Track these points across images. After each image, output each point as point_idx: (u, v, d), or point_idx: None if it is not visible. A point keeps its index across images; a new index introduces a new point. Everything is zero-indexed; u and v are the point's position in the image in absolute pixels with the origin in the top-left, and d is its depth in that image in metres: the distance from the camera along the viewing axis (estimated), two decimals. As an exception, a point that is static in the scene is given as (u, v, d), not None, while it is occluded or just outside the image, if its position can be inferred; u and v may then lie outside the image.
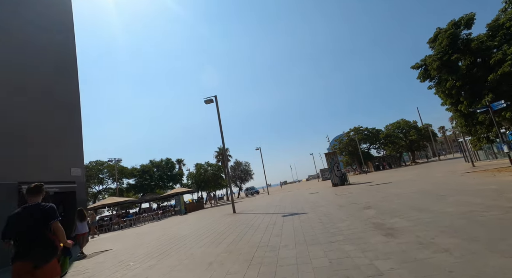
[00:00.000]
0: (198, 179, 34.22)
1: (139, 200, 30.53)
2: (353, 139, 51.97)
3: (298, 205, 12.21)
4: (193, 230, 10.06)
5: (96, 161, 33.34)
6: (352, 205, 8.82)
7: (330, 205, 10.03)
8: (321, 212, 8.62)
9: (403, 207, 6.83)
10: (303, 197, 16.39)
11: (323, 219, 7.20)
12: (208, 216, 15.95)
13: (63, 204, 13.08)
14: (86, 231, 10.25)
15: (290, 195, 21.47)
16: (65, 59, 14.75)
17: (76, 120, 14.40)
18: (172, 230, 11.46)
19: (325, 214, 7.90)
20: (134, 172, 36.28)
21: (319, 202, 11.92)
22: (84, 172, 14.17)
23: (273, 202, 17.33)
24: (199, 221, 13.64)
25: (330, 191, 17.59)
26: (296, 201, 14.37)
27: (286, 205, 13.00)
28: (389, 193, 10.40)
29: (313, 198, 14.64)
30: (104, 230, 20.54)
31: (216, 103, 15.24)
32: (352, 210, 7.77)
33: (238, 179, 54.09)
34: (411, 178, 16.36)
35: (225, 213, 15.53)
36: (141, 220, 20.96)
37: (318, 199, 13.53)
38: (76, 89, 14.95)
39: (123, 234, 15.09)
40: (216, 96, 15.28)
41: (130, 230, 17.81)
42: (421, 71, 15.17)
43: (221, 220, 11.70)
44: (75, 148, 13.86)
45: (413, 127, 50.75)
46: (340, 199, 11.34)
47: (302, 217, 8.30)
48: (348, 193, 13.48)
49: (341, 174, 22.28)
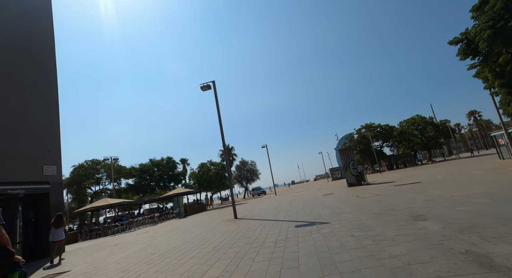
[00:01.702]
0: (200, 179, 32.15)
1: (136, 202, 28.71)
2: (365, 136, 49.15)
3: (314, 209, 9.91)
4: (180, 243, 7.89)
5: (92, 159, 31.68)
6: (391, 212, 6.49)
7: (357, 211, 7.71)
8: (349, 222, 6.31)
9: (483, 218, 4.48)
10: (316, 199, 14.06)
11: (358, 235, 4.90)
12: (206, 221, 13.81)
13: (34, 209, 11.12)
14: (62, 238, 9.55)
15: (300, 197, 19.15)
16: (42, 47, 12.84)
17: (52, 112, 12.44)
18: (157, 241, 9.33)
19: (358, 227, 5.60)
20: (133, 171, 34.47)
21: (339, 206, 9.60)
22: (61, 171, 12.18)
23: (281, 204, 15.06)
24: (193, 228, 11.49)
25: (347, 192, 15.21)
26: (309, 204, 12.07)
27: (298, 210, 10.72)
28: (432, 196, 8.02)
29: (329, 200, 12.31)
30: (94, 235, 18.65)
31: (214, 90, 13.08)
32: (397, 221, 5.45)
33: (244, 178, 51.96)
34: (444, 177, 13.86)
35: (225, 218, 13.35)
36: (135, 224, 19.03)
37: (336, 202, 11.19)
38: (53, 78, 13.00)
39: (104, 243, 13.07)
40: (214, 81, 13.13)
41: (117, 237, 15.84)
42: (462, 46, 12.50)
43: (218, 229, 9.51)
44: (50, 143, 11.89)
45: (430, 124, 47.55)
46: (366, 203, 8.99)
47: (323, 229, 6.02)
48: (372, 195, 11.10)
49: (357, 172, 19.84)
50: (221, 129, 12.71)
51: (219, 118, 12.77)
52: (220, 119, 12.75)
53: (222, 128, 12.68)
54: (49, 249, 10.11)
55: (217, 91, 13.11)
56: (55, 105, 12.62)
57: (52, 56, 13.33)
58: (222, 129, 12.67)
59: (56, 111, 12.59)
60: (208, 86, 12.98)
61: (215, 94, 13.08)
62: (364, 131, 50.05)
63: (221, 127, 12.72)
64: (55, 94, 12.77)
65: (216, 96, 13.01)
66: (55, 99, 12.71)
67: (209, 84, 13.01)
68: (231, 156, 48.72)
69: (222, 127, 12.68)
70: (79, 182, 29.13)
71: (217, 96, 13.02)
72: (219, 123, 12.70)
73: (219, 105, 13.04)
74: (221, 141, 13.11)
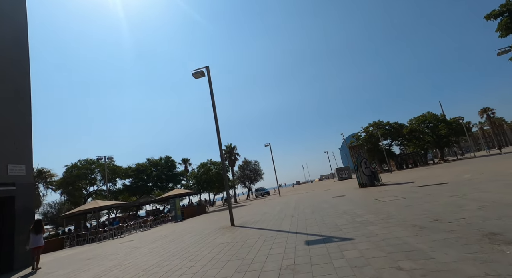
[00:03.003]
0: (200, 179, 30.43)
1: (130, 204, 27.12)
2: (373, 134, 46.99)
3: (326, 216, 8.11)
4: (157, 261, 6.17)
5: (86, 159, 30.16)
6: (441, 226, 4.67)
7: (386, 221, 5.89)
8: (382, 239, 4.50)
9: None
10: (326, 202, 12.23)
11: (411, 269, 3.10)
12: (200, 227, 12.08)
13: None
14: (41, 245, 9.25)
15: (306, 198, 17.32)
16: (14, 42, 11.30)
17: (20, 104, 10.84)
18: (134, 256, 7.62)
19: (402, 251, 3.80)
20: (129, 171, 32.84)
21: (358, 212, 7.78)
22: (32, 170, 10.57)
23: (286, 208, 13.27)
24: (183, 237, 9.77)
25: (361, 194, 13.35)
26: (319, 209, 10.25)
27: (307, 216, 8.92)
28: (482, 200, 6.17)
29: (342, 204, 10.47)
30: (82, 240, 17.08)
31: (208, 76, 11.35)
32: (463, 243, 3.64)
33: (247, 179, 50.20)
34: (474, 177, 11.96)
35: (222, 224, 11.61)
36: (126, 229, 17.41)
37: (352, 206, 9.36)
38: (25, 71, 11.40)
39: (82, 254, 11.44)
40: (208, 67, 11.41)
41: (101, 245, 14.27)
42: (504, 20, 10.52)
43: (210, 240, 7.78)
44: (18, 139, 10.29)
45: (442, 121, 45.15)
46: (394, 209, 7.16)
47: (347, 250, 4.23)
48: (395, 198, 9.25)
49: (370, 171, 17.93)
50: (215, 120, 10.94)
51: (214, 108, 11.01)
52: (214, 109, 11.00)
53: (216, 119, 10.91)
54: (11, 260, 9.05)
55: (211, 79, 11.39)
56: (24, 97, 11.01)
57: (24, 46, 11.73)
58: (217, 120, 10.91)
59: (26, 103, 10.98)
60: (201, 73, 11.27)
61: (209, 81, 11.35)
62: (372, 130, 47.89)
63: (215, 118, 10.95)
64: (25, 85, 11.15)
65: (210, 83, 11.27)
66: (26, 91, 11.10)
67: (203, 71, 11.30)
68: (233, 155, 46.99)
69: (217, 118, 10.92)
70: (72, 183, 27.72)
71: (212, 84, 11.29)
72: (214, 113, 10.94)
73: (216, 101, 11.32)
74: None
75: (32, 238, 9.11)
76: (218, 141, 10.82)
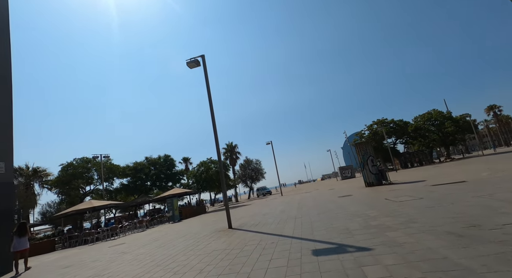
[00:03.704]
0: (199, 178, 29.56)
1: (126, 204, 26.31)
2: (377, 132, 45.95)
3: (334, 218, 7.20)
4: (140, 272, 5.30)
5: (82, 157, 29.37)
6: (485, 234, 3.74)
7: (408, 225, 4.97)
8: (410, 251, 3.59)
9: None
10: (333, 203, 11.31)
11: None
12: (196, 229, 11.22)
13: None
14: (26, 248, 9.05)
15: (310, 198, 16.41)
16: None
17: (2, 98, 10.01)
18: (116, 264, 6.77)
19: (451, 274, 2.89)
20: (127, 170, 32.04)
21: (370, 214, 6.86)
22: (12, 168, 9.74)
23: (289, 208, 12.37)
24: (176, 240, 8.91)
25: (369, 194, 12.42)
26: (325, 210, 9.34)
27: (313, 218, 8.01)
28: None
29: (351, 204, 9.55)
30: (74, 242, 16.27)
31: (203, 66, 10.46)
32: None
33: (248, 178, 49.31)
34: (493, 175, 11.02)
35: (219, 225, 10.74)
36: (120, 231, 16.57)
37: (362, 207, 8.44)
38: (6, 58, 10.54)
39: (64, 259, 10.64)
40: (204, 55, 10.51)
41: (90, 248, 13.51)
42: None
43: (203, 245, 6.90)
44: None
45: (448, 118, 43.99)
46: (415, 212, 6.23)
47: (367, 265, 3.33)
48: (411, 198, 8.32)
49: (377, 170, 16.98)
50: (211, 112, 10.02)
51: (210, 99, 10.09)
52: (210, 100, 10.08)
53: (212, 111, 9.98)
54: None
55: (207, 69, 10.49)
56: (4, 93, 10.13)
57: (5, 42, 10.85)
58: (213, 112, 9.97)
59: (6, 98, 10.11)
60: (196, 62, 10.37)
61: (205, 71, 10.44)
62: (376, 128, 46.85)
63: (211, 109, 10.03)
64: (5, 81, 10.28)
65: (206, 73, 10.36)
66: (6, 87, 10.22)
67: (197, 60, 10.40)
68: (234, 154, 46.10)
69: (213, 110, 10.00)
70: (67, 182, 26.95)
71: (207, 74, 10.39)
72: (210, 105, 10.02)
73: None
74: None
75: (16, 241, 8.93)
76: (214, 134, 9.93)
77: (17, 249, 8.90)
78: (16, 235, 9.07)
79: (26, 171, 26.46)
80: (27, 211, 25.22)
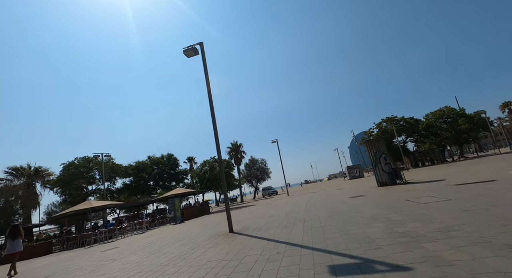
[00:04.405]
0: (202, 178, 28.80)
1: (127, 204, 25.62)
2: (386, 130, 44.43)
3: (349, 223, 6.20)
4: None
5: (83, 157, 28.87)
6: None
7: (450, 235, 3.96)
8: (472, 275, 2.60)
9: None
10: (344, 204, 10.28)
11: None
12: (194, 233, 10.33)
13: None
14: (19, 250, 8.99)
15: (318, 199, 15.39)
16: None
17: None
18: (101, 274, 5.93)
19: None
20: (129, 170, 31.45)
21: (393, 218, 5.85)
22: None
23: (296, 209, 11.38)
24: (172, 245, 8.04)
25: (384, 194, 11.34)
26: (337, 212, 8.32)
27: (323, 222, 7.02)
28: None
29: (366, 206, 8.52)
30: (71, 244, 15.62)
31: (202, 54, 9.57)
32: None
33: (254, 178, 48.40)
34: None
35: (220, 229, 9.84)
36: (119, 232, 15.83)
37: (380, 209, 7.41)
38: None
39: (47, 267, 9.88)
40: (202, 43, 9.62)
41: (84, 252, 12.82)
42: None
43: (197, 254, 6.01)
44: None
45: (462, 115, 42.15)
46: (450, 217, 5.20)
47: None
48: (435, 199, 7.26)
49: (390, 168, 15.84)
50: (210, 102, 9.11)
51: (209, 91, 9.18)
52: (209, 91, 9.16)
53: (211, 101, 9.05)
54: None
55: (205, 56, 9.60)
56: None
57: None
58: (212, 102, 9.04)
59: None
60: (193, 50, 9.49)
61: (203, 60, 9.54)
62: (385, 125, 45.32)
63: (210, 99, 9.10)
64: None
65: (204, 62, 9.46)
66: None
67: (196, 48, 9.52)
68: (239, 153, 45.30)
69: (212, 100, 9.07)
70: (68, 181, 26.48)
71: (206, 62, 9.50)
72: (208, 94, 9.10)
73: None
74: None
75: (9, 244, 8.94)
76: (213, 127, 9.01)
77: (10, 252, 8.77)
78: (9, 238, 8.99)
79: (28, 170, 26.13)
80: (28, 211, 24.84)
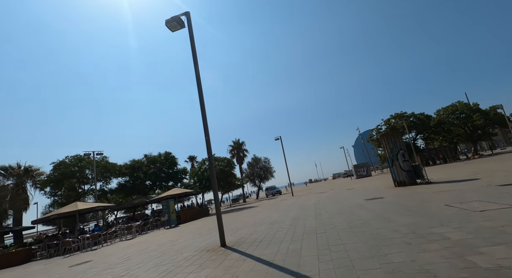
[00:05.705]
0: (201, 177, 27.14)
1: (118, 206, 24.21)
2: (395, 127, 42.30)
3: (381, 240, 4.42)
4: None
5: (75, 155, 27.39)
6: None
7: None
8: None
9: None
10: (362, 208, 8.47)
11: None
12: (180, 244, 8.63)
13: None
14: None
15: (328, 200, 13.59)
16: None
17: None
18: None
19: None
20: (123, 169, 29.98)
21: (451, 237, 4.05)
22: None
23: (304, 214, 9.59)
24: (142, 266, 6.37)
25: (408, 196, 9.49)
26: (357, 221, 6.52)
27: (344, 237, 5.24)
28: None
29: (393, 212, 6.72)
30: (53, 252, 14.05)
31: (189, 26, 7.85)
32: None
33: (256, 177, 46.65)
34: None
35: (211, 239, 8.12)
36: (104, 238, 14.24)
37: (416, 218, 5.60)
38: None
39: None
40: (189, 12, 7.90)
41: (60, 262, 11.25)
42: None
43: (172, 283, 4.31)
44: None
45: (476, 111, 39.86)
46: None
47: None
48: (490, 206, 5.44)
49: (410, 166, 13.96)
50: (199, 86, 7.39)
51: (196, 70, 7.46)
52: (197, 71, 7.43)
53: (200, 84, 7.35)
54: None
55: (192, 30, 7.87)
56: None
57: None
58: (200, 86, 7.34)
59: None
60: (178, 22, 7.77)
61: (190, 33, 7.82)
62: (394, 122, 43.19)
63: (199, 83, 7.40)
64: None
65: (191, 35, 7.74)
66: None
67: (181, 19, 7.80)
68: (242, 151, 43.57)
69: (201, 83, 7.36)
70: (58, 181, 25.07)
71: (193, 35, 7.77)
72: (196, 73, 7.39)
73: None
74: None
75: None
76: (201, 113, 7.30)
77: None
78: None
79: (17, 170, 24.75)
80: (17, 213, 23.46)
